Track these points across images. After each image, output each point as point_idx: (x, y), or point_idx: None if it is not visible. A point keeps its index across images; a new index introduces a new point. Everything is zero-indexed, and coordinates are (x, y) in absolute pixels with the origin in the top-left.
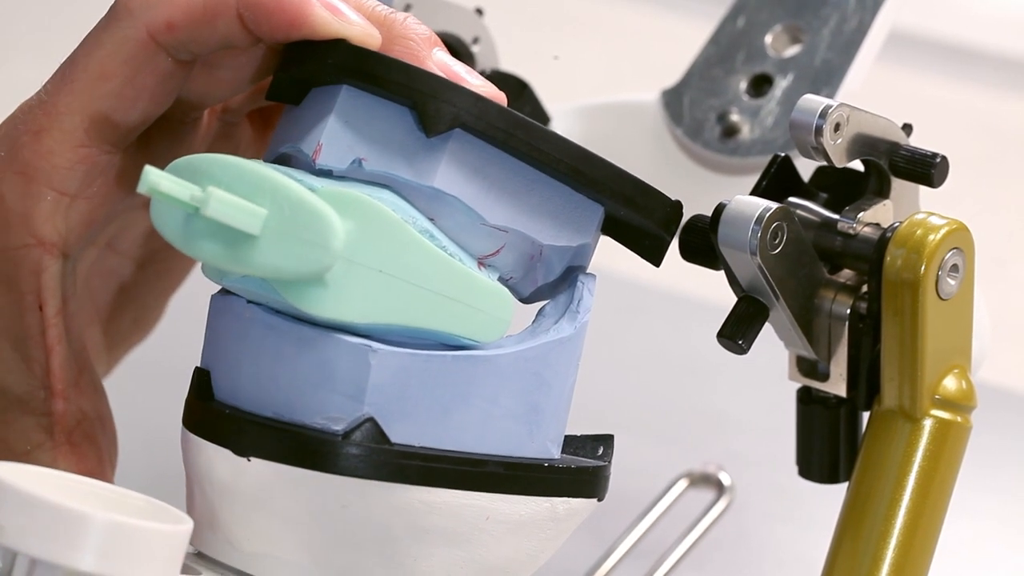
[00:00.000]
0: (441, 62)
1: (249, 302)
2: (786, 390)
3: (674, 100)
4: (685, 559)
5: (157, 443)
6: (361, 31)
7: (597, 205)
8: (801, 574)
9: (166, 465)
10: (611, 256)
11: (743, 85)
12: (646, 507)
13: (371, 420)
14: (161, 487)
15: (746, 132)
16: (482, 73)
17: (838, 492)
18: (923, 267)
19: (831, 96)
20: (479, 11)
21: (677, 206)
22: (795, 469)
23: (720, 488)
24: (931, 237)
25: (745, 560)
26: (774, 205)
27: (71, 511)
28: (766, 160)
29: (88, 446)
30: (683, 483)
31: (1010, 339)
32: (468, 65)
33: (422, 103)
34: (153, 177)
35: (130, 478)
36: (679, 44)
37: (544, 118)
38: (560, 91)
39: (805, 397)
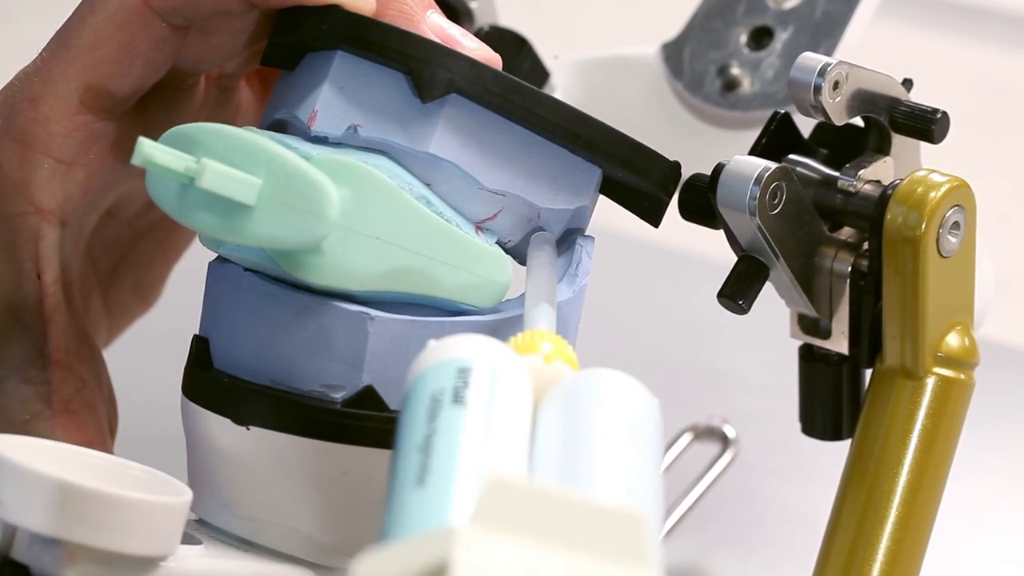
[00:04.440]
0: (435, 25)
1: (246, 270)
2: (790, 347)
3: (674, 53)
4: (689, 515)
5: (157, 410)
6: None
7: (594, 167)
8: (806, 530)
9: (167, 432)
10: (613, 214)
11: (743, 38)
12: None
13: (370, 388)
14: (162, 454)
15: (746, 86)
16: (480, 29)
17: (842, 448)
18: (924, 225)
19: (832, 49)
20: None
21: (675, 167)
22: (799, 426)
23: (725, 441)
24: (932, 194)
25: (750, 517)
26: (773, 165)
27: (70, 485)
28: (767, 114)
29: (87, 415)
30: (687, 436)
31: (1014, 296)
32: (467, 21)
33: (416, 69)
34: (147, 148)
35: (130, 445)
36: None
37: (543, 74)
38: (559, 46)
39: (807, 355)
